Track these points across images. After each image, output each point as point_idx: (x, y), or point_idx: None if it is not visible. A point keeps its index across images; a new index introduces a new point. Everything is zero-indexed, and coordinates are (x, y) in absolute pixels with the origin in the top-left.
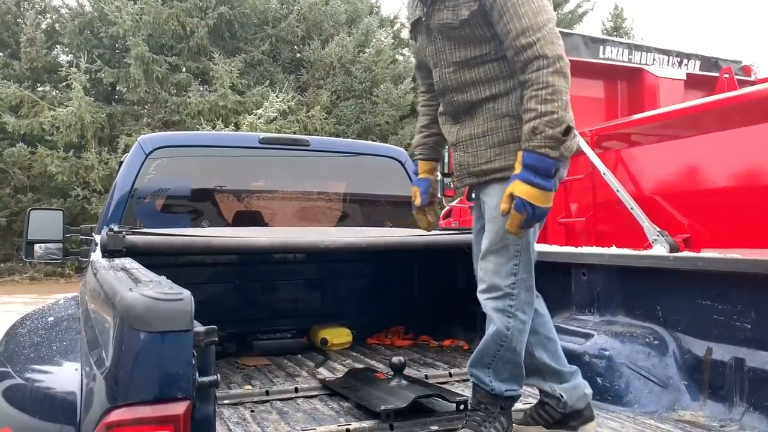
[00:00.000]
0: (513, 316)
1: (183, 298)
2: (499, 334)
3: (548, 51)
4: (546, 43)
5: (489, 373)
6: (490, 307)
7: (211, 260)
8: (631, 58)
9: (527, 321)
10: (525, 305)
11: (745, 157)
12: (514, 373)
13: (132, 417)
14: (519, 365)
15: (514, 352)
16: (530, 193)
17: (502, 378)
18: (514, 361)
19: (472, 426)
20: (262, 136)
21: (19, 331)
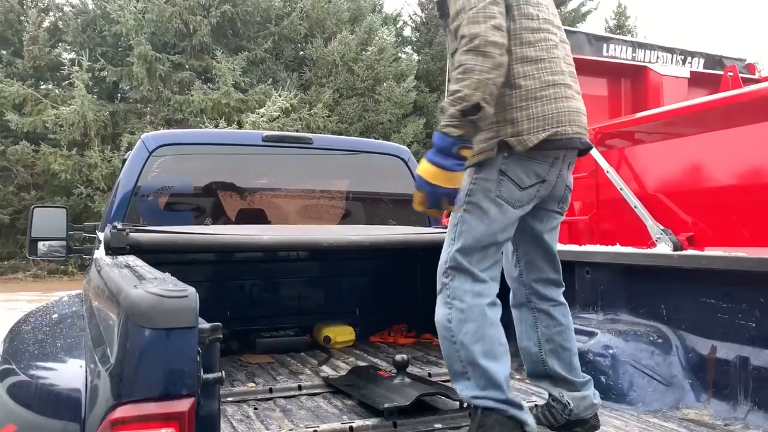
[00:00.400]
0: (450, 306)
1: (188, 295)
2: (444, 328)
3: (466, 30)
4: (466, 23)
5: (458, 385)
6: (438, 301)
7: (214, 258)
8: (635, 56)
9: (467, 311)
10: (462, 293)
11: (750, 155)
12: (485, 377)
13: (137, 414)
14: (481, 367)
15: (466, 350)
16: (428, 171)
17: (470, 384)
18: (473, 361)
19: None
20: (265, 134)
21: (24, 328)
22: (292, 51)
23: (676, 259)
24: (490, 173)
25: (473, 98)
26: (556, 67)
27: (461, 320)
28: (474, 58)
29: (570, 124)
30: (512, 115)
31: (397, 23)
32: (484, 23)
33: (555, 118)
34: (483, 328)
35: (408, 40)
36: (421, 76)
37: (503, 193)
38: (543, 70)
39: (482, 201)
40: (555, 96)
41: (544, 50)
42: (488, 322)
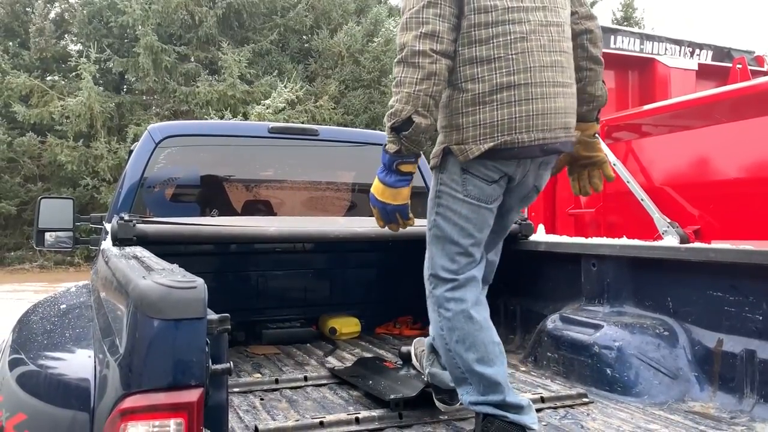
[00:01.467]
0: (439, 314)
1: (197, 286)
2: (438, 336)
3: (397, 39)
4: (399, 30)
5: (460, 388)
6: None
7: (221, 249)
8: (643, 48)
9: (453, 318)
10: (445, 301)
11: (758, 148)
12: (483, 383)
13: (146, 404)
14: (477, 373)
15: (462, 359)
16: (376, 187)
17: (470, 389)
18: (467, 368)
19: None
20: (271, 126)
21: (32, 318)
22: (298, 42)
23: (682, 251)
24: (453, 173)
25: (403, 113)
26: (517, 65)
27: (450, 329)
28: (404, 70)
29: (528, 129)
30: (458, 120)
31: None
32: (413, 30)
33: (506, 125)
34: (471, 334)
35: None
36: None
37: (471, 191)
38: (497, 70)
39: (451, 203)
40: (509, 99)
41: (501, 47)
42: (476, 327)
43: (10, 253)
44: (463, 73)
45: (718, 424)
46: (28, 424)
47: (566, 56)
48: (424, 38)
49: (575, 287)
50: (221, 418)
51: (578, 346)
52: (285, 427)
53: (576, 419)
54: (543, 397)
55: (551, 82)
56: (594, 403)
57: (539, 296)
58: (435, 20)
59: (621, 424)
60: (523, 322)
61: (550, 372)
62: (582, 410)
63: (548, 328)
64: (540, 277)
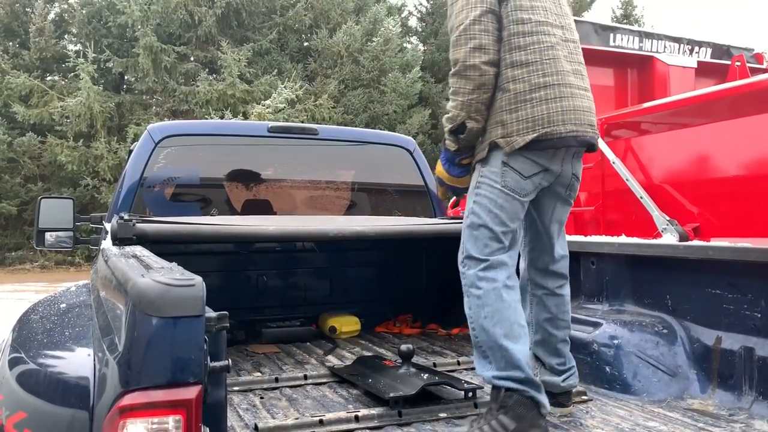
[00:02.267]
0: (468, 294)
1: (195, 284)
2: (467, 314)
3: (450, 54)
4: (451, 46)
5: (481, 362)
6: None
7: (220, 248)
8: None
9: (483, 296)
10: (476, 280)
11: (757, 146)
12: (505, 358)
13: (145, 401)
14: (503, 347)
15: (487, 333)
16: (441, 172)
17: (493, 365)
18: (494, 343)
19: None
20: (271, 125)
21: (32, 317)
22: (297, 42)
23: (681, 249)
24: (495, 166)
25: (459, 118)
26: (550, 68)
27: (479, 306)
28: (458, 81)
29: (564, 123)
30: (502, 117)
31: (402, 13)
32: (464, 46)
33: (546, 119)
34: (501, 311)
35: (413, 31)
36: (426, 66)
37: (508, 183)
38: (534, 72)
39: (489, 192)
40: (546, 97)
41: (537, 52)
42: (505, 305)
43: (10, 253)
44: (505, 75)
45: (716, 421)
46: (28, 422)
47: (582, 67)
48: (473, 53)
49: (575, 285)
50: (220, 415)
51: (577, 344)
52: (285, 425)
53: (575, 417)
54: None
55: (576, 85)
56: (593, 400)
57: None
58: (481, 35)
59: (620, 421)
60: None
61: None
62: (581, 408)
63: None
64: None
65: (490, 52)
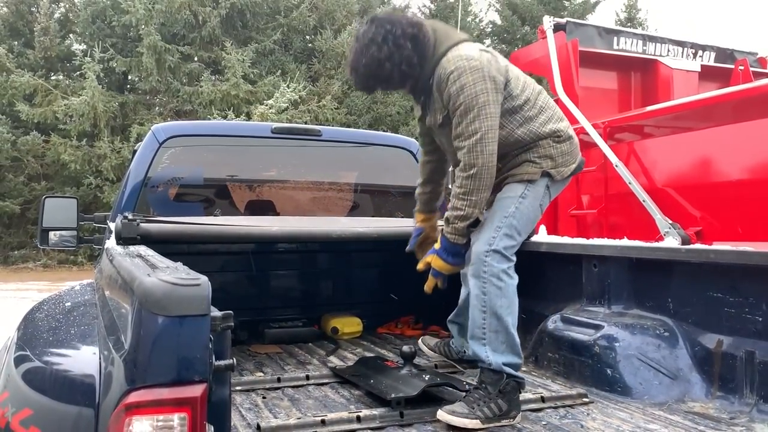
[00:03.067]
0: (487, 281)
1: (200, 284)
2: (477, 298)
3: (466, 159)
4: (467, 151)
5: (486, 348)
6: (469, 275)
7: (224, 249)
8: (645, 50)
9: (504, 288)
10: (500, 273)
11: (759, 150)
12: (509, 344)
13: (150, 398)
14: (510, 335)
15: (499, 319)
16: (443, 266)
17: (499, 350)
18: (503, 329)
19: (468, 401)
20: (274, 126)
21: (37, 315)
22: (301, 43)
23: (683, 253)
24: (540, 187)
25: (473, 215)
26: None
27: (498, 295)
28: (473, 182)
29: (578, 155)
30: (550, 152)
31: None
32: (483, 154)
33: (574, 153)
34: (514, 304)
35: None
36: None
37: (543, 204)
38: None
39: (530, 207)
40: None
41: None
42: (516, 300)
43: (13, 251)
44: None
45: (717, 424)
46: (34, 419)
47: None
48: (491, 158)
49: (576, 288)
50: (224, 413)
51: (579, 346)
52: (287, 424)
53: (576, 419)
54: (543, 397)
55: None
56: (594, 403)
57: (540, 297)
58: (495, 141)
59: (621, 424)
60: (525, 323)
61: (550, 372)
62: (582, 410)
63: (549, 329)
64: (541, 278)
65: (495, 146)
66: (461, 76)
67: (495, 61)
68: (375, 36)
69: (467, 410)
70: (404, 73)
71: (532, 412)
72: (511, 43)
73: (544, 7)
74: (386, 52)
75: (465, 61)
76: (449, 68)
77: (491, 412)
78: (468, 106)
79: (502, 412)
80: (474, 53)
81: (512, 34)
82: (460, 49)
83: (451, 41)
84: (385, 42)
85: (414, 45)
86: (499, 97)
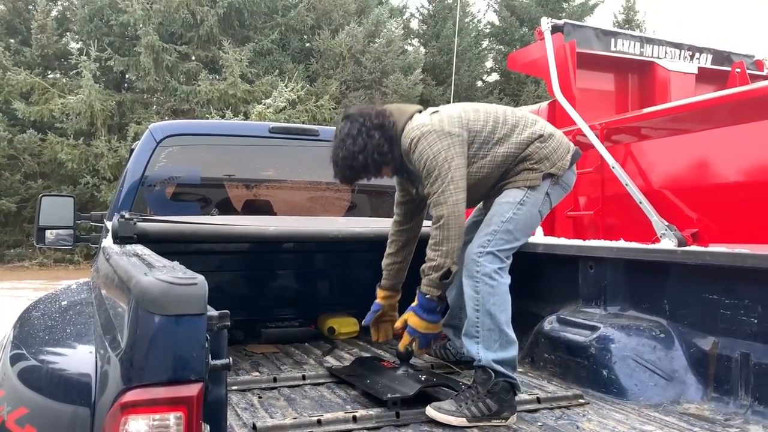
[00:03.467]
0: (479, 280)
1: (197, 283)
2: (471, 298)
3: (434, 212)
4: (434, 205)
5: (478, 345)
6: (463, 276)
7: (220, 248)
8: (643, 51)
9: (496, 286)
10: (492, 272)
11: (756, 153)
12: (503, 342)
13: (146, 398)
14: (504, 333)
15: (492, 317)
16: (419, 324)
17: (491, 348)
18: (496, 327)
19: (457, 399)
20: (272, 126)
21: (33, 314)
22: (299, 42)
23: (679, 254)
24: (540, 193)
25: (446, 266)
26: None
27: (490, 293)
28: (443, 232)
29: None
30: (543, 154)
31: (404, 15)
32: (449, 202)
33: (567, 145)
34: (506, 303)
35: (415, 33)
36: (428, 68)
37: (543, 211)
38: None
39: (529, 213)
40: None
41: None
42: (509, 299)
43: (9, 250)
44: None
45: (712, 426)
46: (29, 418)
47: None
48: (459, 205)
49: (573, 289)
50: (220, 413)
51: (575, 347)
52: (283, 424)
53: (572, 420)
54: (539, 398)
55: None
56: (590, 404)
57: (537, 298)
58: (462, 182)
59: (616, 425)
60: (521, 324)
61: (546, 373)
62: (578, 411)
63: (545, 330)
64: (538, 279)
65: (465, 188)
66: (419, 144)
67: (447, 116)
68: (350, 131)
69: (454, 407)
70: (377, 161)
71: (528, 413)
72: (509, 44)
73: (542, 9)
74: (360, 144)
75: (418, 129)
76: (407, 142)
77: (479, 411)
78: (430, 167)
79: (491, 412)
80: (425, 120)
81: (510, 35)
82: (413, 121)
83: (405, 116)
84: (359, 134)
85: (382, 133)
86: (463, 147)
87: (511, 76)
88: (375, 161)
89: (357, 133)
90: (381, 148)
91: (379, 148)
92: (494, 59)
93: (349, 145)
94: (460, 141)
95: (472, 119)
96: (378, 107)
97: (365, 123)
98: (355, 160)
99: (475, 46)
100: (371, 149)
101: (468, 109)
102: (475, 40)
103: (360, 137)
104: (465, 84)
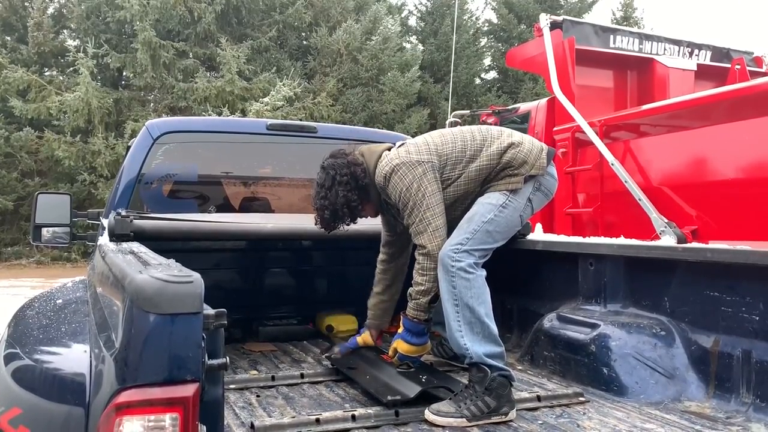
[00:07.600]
0: (455, 275)
1: (193, 281)
2: (449, 293)
3: (417, 240)
4: (415, 234)
5: (464, 339)
6: (439, 273)
7: (218, 246)
8: (642, 48)
9: (472, 279)
10: (467, 266)
11: (755, 149)
12: (485, 334)
13: (141, 398)
14: (485, 324)
15: (471, 310)
16: (409, 350)
17: (477, 341)
18: (476, 319)
19: (455, 400)
20: (269, 123)
21: (28, 313)
22: (297, 40)
23: (679, 251)
24: (522, 198)
25: (434, 289)
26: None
27: (467, 287)
28: (427, 260)
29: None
30: (520, 159)
31: (402, 13)
32: (426, 232)
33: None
34: (484, 293)
35: (413, 30)
36: (425, 66)
37: (524, 215)
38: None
39: (511, 216)
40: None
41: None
42: (487, 291)
43: (6, 248)
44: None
45: (713, 424)
46: (23, 418)
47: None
48: (438, 231)
49: (572, 286)
50: (217, 413)
51: (575, 345)
52: (281, 423)
53: (572, 418)
54: (539, 396)
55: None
56: (590, 402)
57: (536, 295)
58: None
59: (617, 423)
60: (520, 321)
61: (546, 371)
62: (578, 409)
63: (545, 327)
64: (537, 276)
65: (444, 215)
66: (391, 179)
67: (414, 146)
68: (324, 182)
69: (453, 409)
70: (348, 213)
71: (528, 411)
72: (508, 42)
73: (540, 6)
74: (331, 199)
75: (388, 166)
76: (380, 179)
77: (478, 410)
78: (405, 199)
79: (490, 409)
80: (392, 155)
81: (509, 33)
82: (382, 159)
83: (375, 156)
84: (330, 188)
85: (353, 185)
86: (435, 173)
87: (509, 74)
88: (345, 213)
89: (329, 186)
90: (350, 202)
91: (347, 201)
92: (492, 56)
93: (322, 197)
94: (432, 167)
95: (440, 143)
96: (350, 157)
97: (335, 177)
98: (327, 211)
99: (474, 43)
100: (341, 204)
101: (434, 135)
102: (474, 38)
103: (331, 191)
104: (463, 81)
